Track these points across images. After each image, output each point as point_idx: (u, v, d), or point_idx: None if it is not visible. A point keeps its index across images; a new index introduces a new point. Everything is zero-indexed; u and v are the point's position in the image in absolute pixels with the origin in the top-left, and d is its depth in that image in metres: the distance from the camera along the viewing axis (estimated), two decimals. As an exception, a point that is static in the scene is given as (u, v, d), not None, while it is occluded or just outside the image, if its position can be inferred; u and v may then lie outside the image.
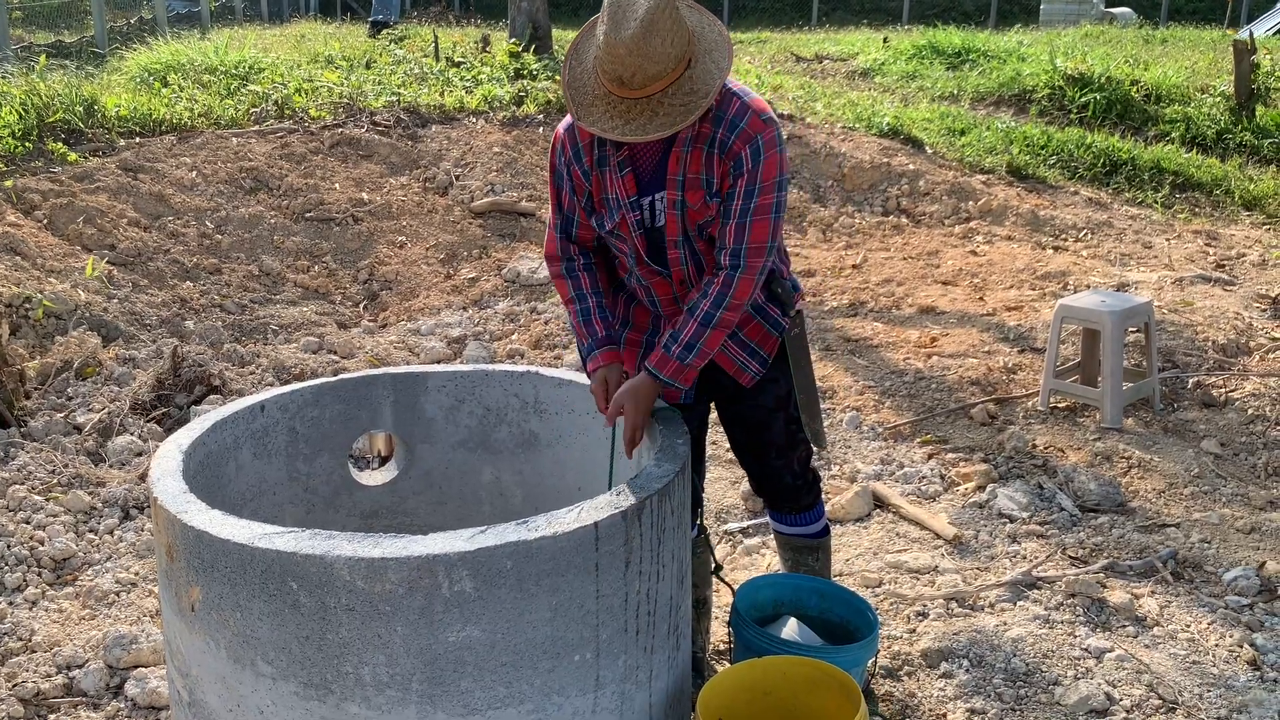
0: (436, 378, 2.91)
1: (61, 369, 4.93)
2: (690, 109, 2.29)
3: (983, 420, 4.88)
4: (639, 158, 2.51)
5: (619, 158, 2.50)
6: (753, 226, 2.46)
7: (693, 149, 2.46)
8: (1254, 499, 4.16)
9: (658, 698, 2.29)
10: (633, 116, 2.29)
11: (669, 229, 2.54)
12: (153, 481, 2.23)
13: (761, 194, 2.44)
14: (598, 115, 2.33)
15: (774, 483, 2.92)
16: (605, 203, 2.57)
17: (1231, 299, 6.29)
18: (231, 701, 2.08)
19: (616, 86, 2.29)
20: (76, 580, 3.57)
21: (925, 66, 13.32)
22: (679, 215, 2.52)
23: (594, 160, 2.53)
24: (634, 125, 2.29)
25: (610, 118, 2.31)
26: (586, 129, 2.35)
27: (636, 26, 2.22)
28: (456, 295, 6.63)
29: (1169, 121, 10.52)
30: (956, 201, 8.35)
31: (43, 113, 7.43)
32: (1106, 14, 18.97)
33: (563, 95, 2.44)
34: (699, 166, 2.47)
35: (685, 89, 2.30)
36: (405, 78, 10.56)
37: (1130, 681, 3.06)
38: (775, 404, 2.78)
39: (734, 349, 2.70)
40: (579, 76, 2.39)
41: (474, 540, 1.95)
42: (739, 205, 2.45)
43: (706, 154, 2.45)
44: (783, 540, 3.07)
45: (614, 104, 2.31)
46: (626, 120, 2.30)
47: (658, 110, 2.29)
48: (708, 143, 2.45)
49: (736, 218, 2.45)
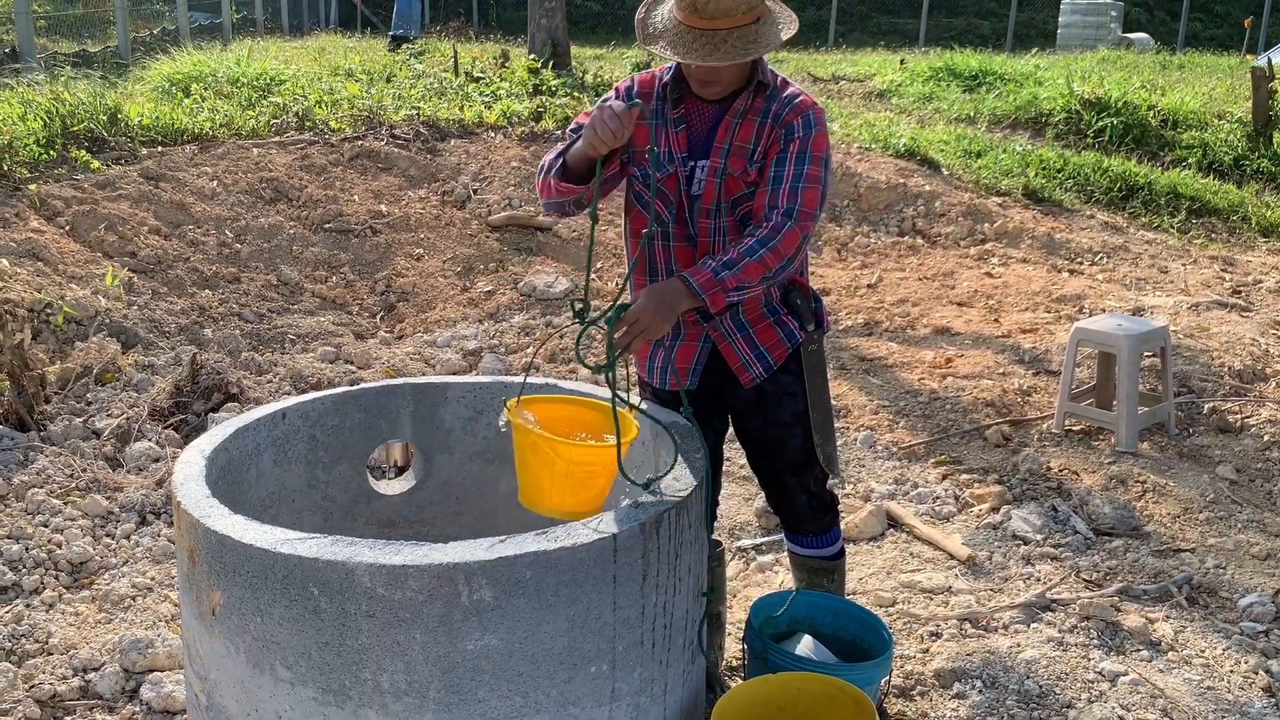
0: (456, 389, 2.93)
1: (81, 374, 4.97)
2: (749, 51, 2.43)
3: (997, 442, 4.88)
4: (693, 119, 2.65)
5: (676, 114, 2.64)
6: (804, 192, 2.55)
7: (744, 120, 2.60)
8: (1269, 525, 4.14)
9: (672, 712, 2.29)
10: (697, 46, 2.44)
11: (705, 197, 2.64)
12: (176, 486, 2.25)
13: (812, 163, 2.57)
14: (664, 42, 2.49)
15: (789, 502, 2.93)
16: (654, 157, 2.62)
17: (1248, 325, 6.28)
18: (250, 706, 2.09)
19: (689, 14, 2.44)
20: (93, 584, 3.60)
21: (942, 89, 13.35)
22: (718, 184, 2.62)
23: (652, 110, 2.66)
24: (696, 52, 2.44)
25: (675, 45, 2.47)
26: (652, 50, 2.51)
27: None
28: (472, 308, 6.66)
29: (1186, 147, 10.51)
30: (972, 223, 8.36)
31: (67, 121, 7.51)
32: (1124, 39, 19.00)
33: (636, 32, 2.60)
34: (748, 136, 2.60)
35: (749, 35, 2.46)
36: (425, 92, 10.63)
37: (1144, 706, 3.05)
38: (793, 420, 2.79)
39: (742, 345, 2.72)
40: (651, 18, 2.57)
41: (494, 549, 1.97)
42: (791, 170, 2.55)
43: (759, 124, 2.60)
44: (797, 560, 3.07)
45: (681, 34, 2.46)
46: (690, 48, 2.45)
47: (720, 45, 2.44)
48: (760, 114, 2.59)
49: (789, 181, 2.55)
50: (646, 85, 2.70)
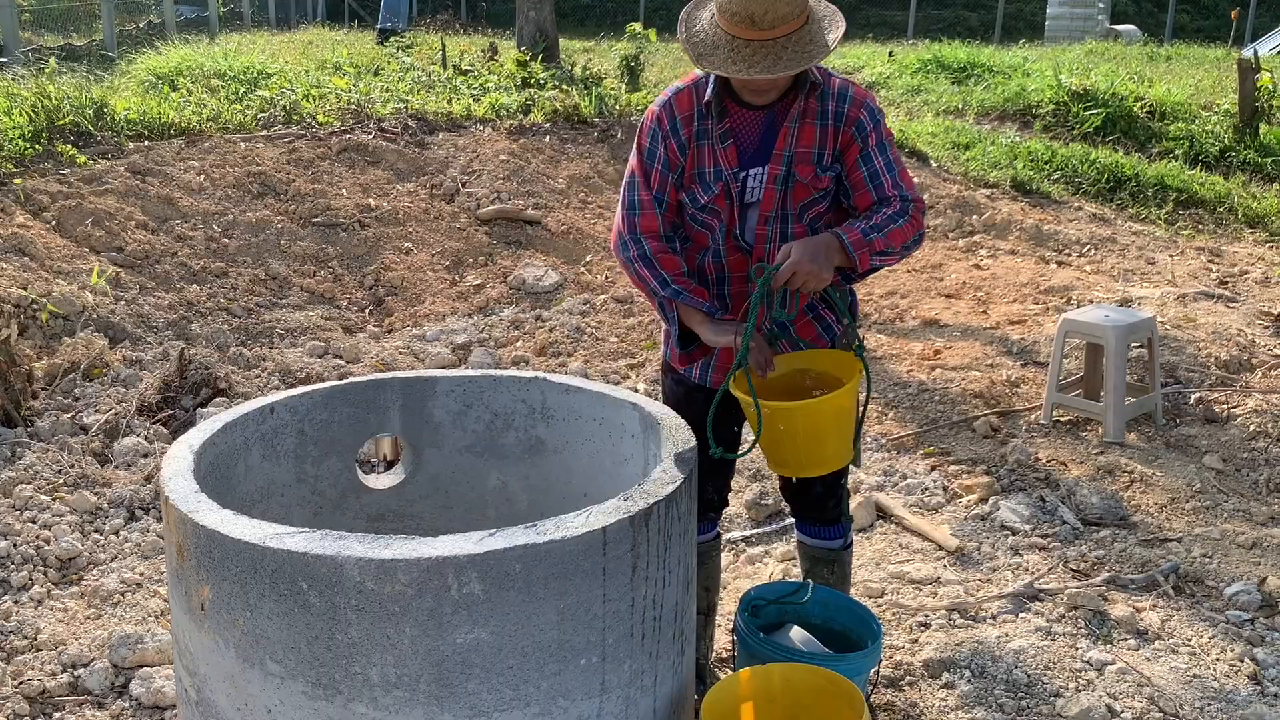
0: (445, 382, 2.93)
1: (68, 370, 4.96)
2: (812, 54, 2.39)
3: (985, 433, 4.90)
4: (740, 131, 2.60)
5: (720, 129, 2.58)
6: (902, 177, 2.59)
7: (802, 124, 2.57)
8: (1255, 515, 4.17)
9: (662, 703, 2.30)
10: (757, 59, 2.38)
11: (764, 203, 2.62)
12: (164, 481, 2.25)
13: (891, 148, 2.60)
14: (720, 60, 2.42)
15: (804, 491, 2.95)
16: (699, 177, 2.61)
17: (1234, 315, 6.31)
18: (239, 700, 2.09)
19: (745, 27, 2.38)
20: (82, 580, 3.59)
21: (930, 81, 13.37)
22: (779, 190, 2.60)
23: (692, 134, 2.60)
24: (758, 66, 2.38)
25: (733, 61, 2.40)
26: (709, 70, 2.44)
27: None
28: (462, 302, 6.65)
29: (1173, 138, 10.55)
30: (961, 215, 8.38)
31: (52, 115, 7.47)
32: (1111, 31, 19.04)
33: (684, 49, 2.53)
34: (810, 140, 2.57)
35: (805, 38, 2.41)
36: (413, 85, 10.60)
37: (1131, 694, 3.07)
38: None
39: (785, 346, 2.74)
40: (695, 33, 2.50)
41: (483, 543, 1.97)
42: (881, 163, 2.57)
43: (820, 127, 2.57)
44: (803, 550, 3.09)
45: (737, 48, 2.40)
46: (750, 62, 2.39)
47: (780, 55, 2.38)
48: (818, 116, 2.56)
49: (886, 173, 2.57)
50: (685, 108, 2.61)
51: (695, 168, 2.61)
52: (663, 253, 2.63)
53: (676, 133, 2.60)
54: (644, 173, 2.65)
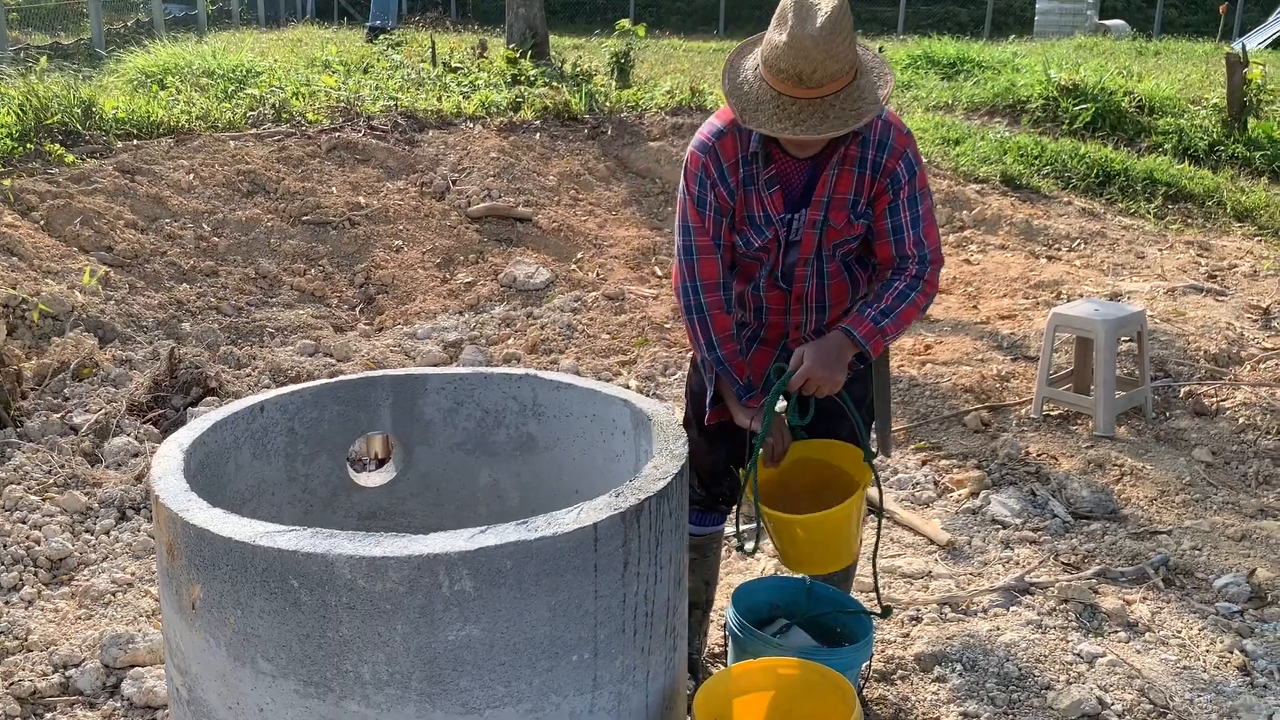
0: (435, 380, 2.93)
1: (58, 370, 4.94)
2: (861, 113, 2.34)
3: (976, 427, 4.91)
4: (787, 176, 2.56)
5: (767, 175, 2.55)
6: (926, 232, 2.57)
7: (841, 170, 2.53)
8: (1244, 507, 4.19)
9: (654, 699, 2.30)
10: (804, 118, 2.34)
11: (803, 246, 2.61)
12: (154, 480, 2.24)
13: (923, 200, 2.56)
14: (765, 117, 2.37)
15: None
16: (750, 221, 2.60)
17: (1223, 309, 6.33)
18: (231, 699, 2.09)
19: (792, 85, 2.32)
20: (73, 580, 3.58)
21: (920, 76, 13.38)
22: (817, 234, 2.59)
23: (740, 180, 2.56)
24: (805, 125, 2.33)
25: (779, 119, 2.35)
26: (755, 128, 2.39)
27: (824, 21, 2.28)
28: (453, 299, 6.64)
29: (1162, 133, 10.57)
30: (951, 210, 8.39)
31: (40, 114, 7.43)
32: (1100, 26, 19.08)
33: (728, 103, 2.45)
34: (847, 187, 2.54)
35: (854, 95, 2.35)
36: (402, 83, 10.58)
37: (1122, 686, 3.08)
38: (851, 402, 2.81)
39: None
40: (739, 85, 2.43)
41: (474, 540, 1.97)
42: (908, 216, 2.55)
43: (858, 175, 2.53)
44: None
45: (784, 105, 2.35)
46: (797, 121, 2.34)
47: (828, 113, 2.33)
48: (857, 163, 2.52)
49: (910, 229, 2.55)
50: (730, 155, 2.56)
51: (745, 211, 2.60)
52: (717, 308, 2.63)
53: (724, 180, 2.57)
54: (699, 219, 2.61)
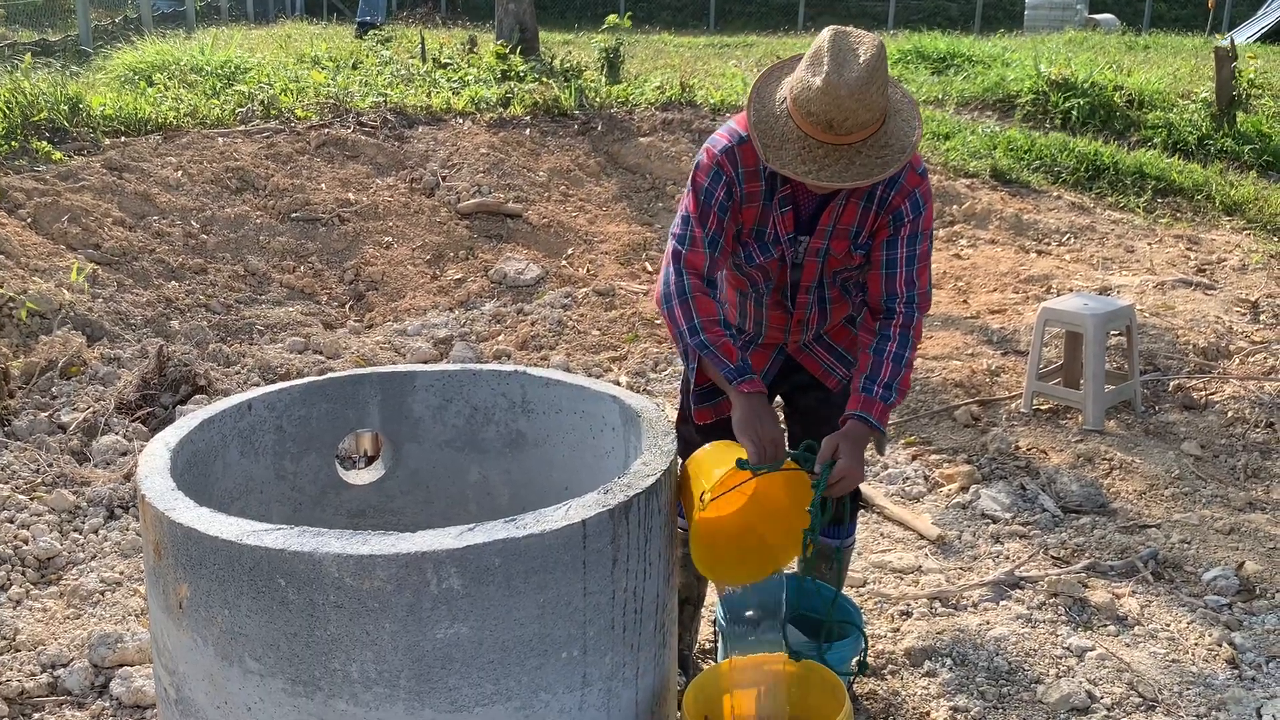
0: (424, 377, 2.92)
1: (46, 368, 4.92)
2: (888, 163, 2.29)
3: (966, 422, 4.92)
4: (800, 198, 2.54)
5: (781, 194, 2.51)
6: (919, 274, 2.55)
7: (848, 202, 2.50)
8: (1233, 500, 4.20)
9: (644, 695, 2.30)
10: (829, 163, 2.28)
11: (805, 274, 2.61)
12: (140, 479, 2.23)
13: (922, 242, 2.53)
14: (789, 158, 2.31)
15: None
16: (759, 237, 2.58)
17: (1212, 303, 6.35)
18: (219, 698, 2.08)
19: (821, 131, 2.27)
20: (61, 579, 3.57)
21: (910, 71, 13.39)
22: (819, 262, 2.59)
23: (757, 191, 2.53)
24: (829, 171, 2.28)
25: (803, 161, 2.30)
26: (777, 169, 2.33)
27: (861, 71, 2.22)
28: (443, 296, 6.63)
29: (1151, 127, 10.60)
30: (941, 205, 8.40)
31: (27, 111, 7.39)
32: (1090, 20, 19.11)
33: (751, 136, 2.38)
34: (852, 219, 2.52)
35: (881, 142, 2.30)
36: (392, 78, 10.54)
37: (1111, 680, 3.09)
38: (843, 400, 2.80)
39: (822, 354, 2.76)
40: (765, 119, 2.37)
41: (462, 538, 1.96)
42: (904, 254, 2.52)
43: (863, 208, 2.51)
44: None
45: (810, 149, 2.30)
46: (821, 166, 2.29)
47: (854, 159, 2.28)
48: (864, 196, 2.49)
49: (904, 266, 2.53)
50: (751, 162, 2.51)
51: (756, 225, 2.57)
52: (700, 292, 2.52)
53: (739, 183, 2.52)
54: (700, 212, 2.55)
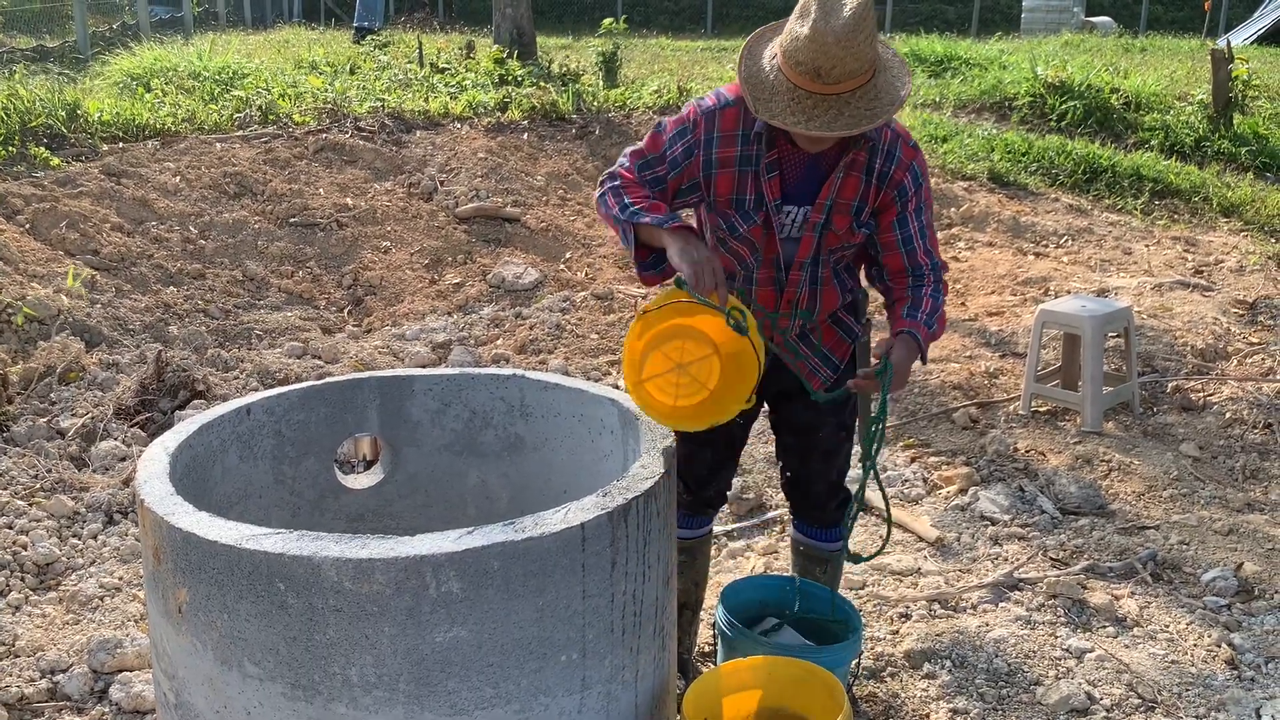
0: (422, 381, 2.92)
1: (44, 374, 4.92)
2: (876, 113, 2.30)
3: (965, 424, 4.92)
4: (785, 165, 2.52)
5: (768, 159, 2.50)
6: (930, 242, 2.59)
7: (847, 175, 2.50)
8: (1232, 501, 4.20)
9: (644, 698, 2.30)
10: (818, 113, 2.29)
11: (802, 249, 2.58)
12: (139, 484, 2.23)
13: (927, 212, 2.57)
14: (779, 109, 2.32)
15: (808, 486, 2.95)
16: (739, 205, 2.55)
17: (1209, 304, 6.36)
18: (218, 703, 2.08)
19: (809, 80, 2.29)
20: (60, 585, 3.56)
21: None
22: (816, 237, 2.56)
23: (732, 157, 2.50)
24: (819, 121, 2.29)
25: (793, 112, 2.31)
26: (767, 119, 2.34)
27: (848, 18, 2.25)
28: (441, 300, 6.63)
29: (1148, 129, 10.62)
30: (939, 208, 8.41)
31: (25, 117, 7.40)
32: (1087, 23, 19.15)
33: (742, 90, 2.38)
34: (852, 193, 2.51)
35: (870, 94, 2.32)
36: (389, 83, 10.56)
37: (1110, 681, 3.09)
38: (831, 408, 2.80)
39: (806, 353, 2.74)
40: (755, 73, 2.39)
41: (461, 541, 1.96)
42: (916, 228, 2.56)
43: (864, 182, 2.51)
44: (797, 546, 3.09)
45: (799, 99, 2.31)
46: (810, 116, 2.30)
47: (843, 110, 2.29)
48: (865, 171, 2.50)
49: (919, 239, 2.57)
50: (730, 126, 2.50)
51: (734, 193, 2.54)
52: (632, 184, 2.51)
53: (710, 146, 2.51)
54: (656, 158, 2.53)
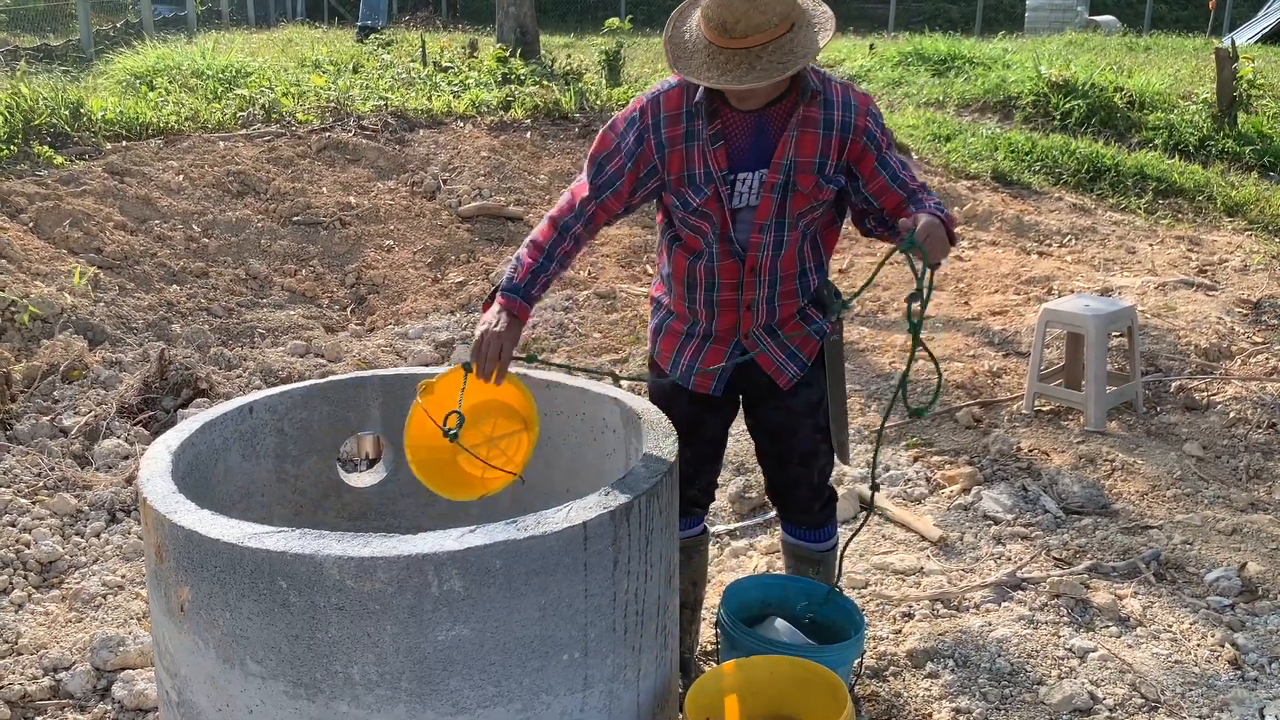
0: (425, 380, 2.92)
1: (48, 372, 4.92)
2: (787, 65, 2.32)
3: (968, 423, 4.91)
4: (731, 133, 2.53)
5: (711, 131, 2.51)
6: (914, 170, 2.63)
7: (802, 132, 2.51)
8: (1235, 501, 4.20)
9: (645, 697, 2.30)
10: (730, 68, 2.33)
11: (760, 211, 2.56)
12: (142, 482, 2.23)
13: (897, 147, 2.61)
14: (696, 65, 2.37)
15: (790, 491, 2.94)
16: (689, 180, 2.55)
17: (1213, 304, 6.35)
18: (220, 701, 2.08)
19: (719, 35, 2.33)
20: (63, 583, 3.57)
21: (911, 73, 13.39)
22: (776, 199, 2.55)
23: (679, 134, 2.53)
24: (730, 75, 2.33)
25: (708, 67, 2.35)
26: (686, 76, 2.39)
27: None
28: (444, 299, 6.63)
29: (1152, 128, 10.60)
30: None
31: (28, 116, 7.41)
32: (1091, 22, 19.12)
33: (665, 51, 2.46)
34: (811, 150, 2.52)
35: (786, 48, 2.34)
36: (393, 82, 10.56)
37: (1113, 681, 3.09)
38: (805, 409, 2.79)
39: (774, 350, 2.72)
40: (679, 34, 2.45)
41: (463, 540, 1.96)
42: (896, 163, 2.59)
43: (823, 136, 2.51)
44: (788, 547, 3.09)
45: (713, 54, 2.35)
46: (723, 70, 2.34)
47: (754, 64, 2.32)
48: (822, 125, 2.51)
49: (902, 170, 2.59)
50: (673, 106, 2.53)
51: (684, 170, 2.55)
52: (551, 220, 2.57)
53: (658, 129, 2.54)
54: (608, 154, 2.57)
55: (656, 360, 2.89)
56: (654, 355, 2.90)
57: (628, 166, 2.56)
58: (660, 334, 2.83)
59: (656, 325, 2.86)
